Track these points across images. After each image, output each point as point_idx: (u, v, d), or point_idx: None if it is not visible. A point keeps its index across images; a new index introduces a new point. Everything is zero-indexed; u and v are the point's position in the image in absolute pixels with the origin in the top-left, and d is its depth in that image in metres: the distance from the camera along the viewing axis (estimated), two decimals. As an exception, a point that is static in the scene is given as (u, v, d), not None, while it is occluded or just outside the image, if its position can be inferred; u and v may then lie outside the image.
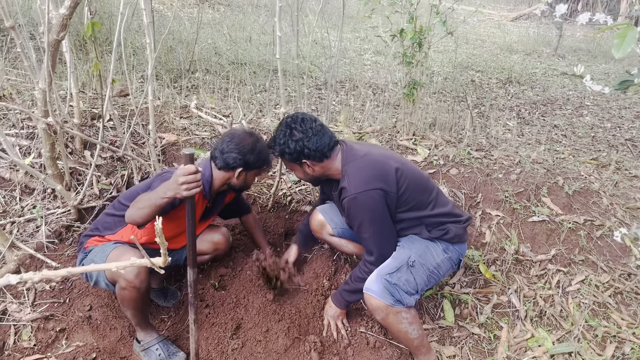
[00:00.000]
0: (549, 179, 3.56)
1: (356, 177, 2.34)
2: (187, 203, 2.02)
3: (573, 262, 3.13)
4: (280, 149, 2.43)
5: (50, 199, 3.28)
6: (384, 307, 2.32)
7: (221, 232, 2.82)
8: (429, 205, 2.52)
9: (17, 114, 3.62)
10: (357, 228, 2.42)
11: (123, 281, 2.30)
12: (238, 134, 2.54)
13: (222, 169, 2.53)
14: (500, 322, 2.88)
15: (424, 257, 2.48)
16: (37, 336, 2.60)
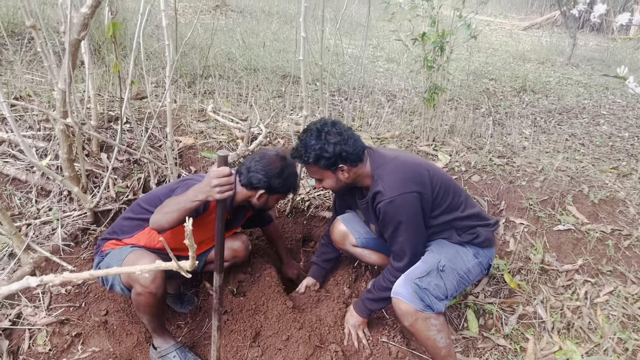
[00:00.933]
0: (574, 187, 3.48)
1: (391, 180, 2.28)
2: (218, 206, 1.98)
3: (601, 273, 3.04)
4: (315, 154, 2.27)
5: (67, 202, 3.23)
6: (413, 312, 2.24)
7: (241, 240, 2.76)
8: (460, 206, 2.46)
9: (34, 116, 3.58)
10: (391, 233, 2.34)
11: (139, 286, 2.24)
12: (269, 156, 2.48)
13: (244, 186, 2.48)
14: (526, 334, 2.79)
15: (454, 262, 2.41)
16: (52, 341, 2.54)
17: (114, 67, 2.79)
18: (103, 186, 3.07)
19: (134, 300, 2.32)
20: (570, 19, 11.56)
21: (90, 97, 3.28)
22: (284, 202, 3.44)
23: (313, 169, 2.37)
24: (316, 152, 2.26)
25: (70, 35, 2.57)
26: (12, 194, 3.23)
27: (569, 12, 11.40)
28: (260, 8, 11.89)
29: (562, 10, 11.39)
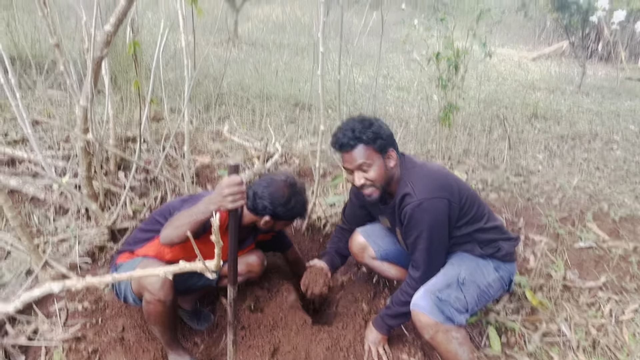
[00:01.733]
0: (593, 204, 3.45)
1: (421, 184, 2.23)
2: (230, 216, 1.96)
3: (625, 290, 2.98)
4: (374, 132, 2.20)
5: (84, 220, 3.24)
6: (434, 325, 2.19)
7: (256, 255, 2.73)
8: (483, 218, 2.43)
9: (54, 136, 3.64)
10: (414, 239, 2.28)
11: (148, 294, 2.22)
12: (276, 182, 2.45)
13: (250, 211, 2.47)
14: (550, 352, 2.72)
15: (474, 275, 2.37)
16: (68, 357, 2.51)
17: (135, 84, 2.84)
18: (120, 203, 3.09)
19: (144, 310, 2.29)
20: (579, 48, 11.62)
21: (109, 117, 3.33)
22: (301, 221, 3.43)
23: (366, 152, 2.23)
24: (374, 130, 2.21)
25: (94, 53, 2.62)
26: (30, 212, 3.24)
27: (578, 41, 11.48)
28: (271, 40, 12.10)
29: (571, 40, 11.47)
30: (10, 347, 2.48)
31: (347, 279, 3.12)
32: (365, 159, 2.23)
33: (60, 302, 2.77)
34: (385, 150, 2.26)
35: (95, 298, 2.81)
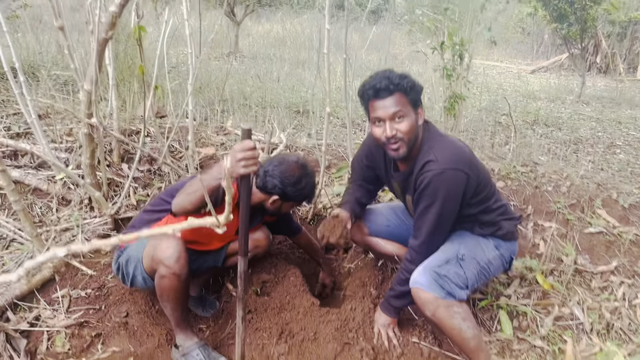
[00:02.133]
0: (602, 192, 3.41)
1: (445, 152, 2.16)
2: (242, 183, 1.92)
3: (637, 275, 2.93)
4: (412, 81, 2.15)
5: (87, 210, 3.20)
6: (434, 300, 2.13)
7: (262, 230, 2.71)
8: (492, 197, 2.39)
9: (57, 130, 3.61)
10: (425, 208, 2.20)
11: (163, 268, 2.18)
12: (288, 161, 2.43)
13: (259, 189, 2.44)
14: (563, 335, 2.66)
15: (473, 252, 2.32)
16: (71, 342, 2.46)
17: (139, 70, 2.82)
18: (124, 193, 3.05)
19: (157, 286, 2.25)
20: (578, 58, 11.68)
21: (113, 108, 3.31)
22: (306, 209, 3.39)
23: (402, 100, 2.15)
24: (411, 81, 2.15)
25: (98, 35, 2.61)
26: (33, 203, 3.21)
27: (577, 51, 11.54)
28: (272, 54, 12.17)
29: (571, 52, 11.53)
30: (12, 332, 2.42)
31: (354, 265, 3.06)
32: (402, 107, 2.14)
33: (62, 290, 2.72)
34: (417, 105, 2.20)
35: (99, 285, 2.76)
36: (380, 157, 2.53)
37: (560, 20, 10.92)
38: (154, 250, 2.22)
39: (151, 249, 2.24)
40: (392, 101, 2.14)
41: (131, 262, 2.35)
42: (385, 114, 2.15)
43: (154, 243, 2.24)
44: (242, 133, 1.87)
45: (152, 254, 2.22)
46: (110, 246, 1.71)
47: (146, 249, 2.27)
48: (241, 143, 1.85)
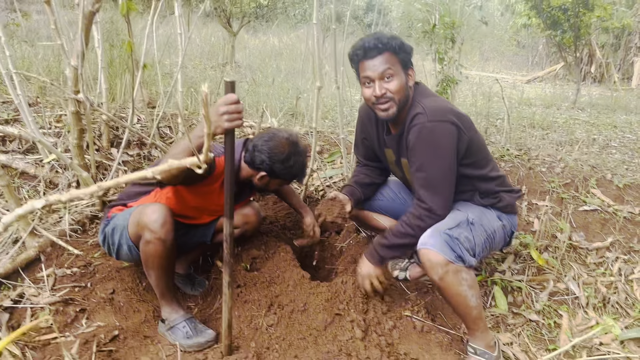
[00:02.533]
0: (596, 173, 3.38)
1: (433, 106, 2.13)
2: (226, 138, 1.88)
3: (633, 251, 2.88)
4: (400, 43, 2.14)
5: (75, 193, 3.15)
6: (444, 263, 2.04)
7: (251, 206, 2.66)
8: (488, 165, 2.34)
9: (47, 116, 3.58)
10: (421, 163, 2.14)
11: (148, 233, 2.13)
12: (278, 137, 2.37)
13: (247, 164, 2.39)
14: (559, 310, 2.61)
15: (481, 219, 2.27)
16: (55, 319, 2.39)
17: (127, 46, 2.80)
18: (111, 174, 3.01)
19: (142, 252, 2.20)
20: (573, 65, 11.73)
21: (102, 90, 3.28)
22: (297, 191, 3.34)
23: (391, 59, 2.14)
24: (400, 41, 2.14)
25: (85, 8, 2.60)
26: (20, 186, 3.16)
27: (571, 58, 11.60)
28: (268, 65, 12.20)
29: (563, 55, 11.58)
30: (-6, 307, 2.37)
31: (346, 244, 3.01)
32: (391, 65, 2.14)
33: (48, 270, 2.66)
34: (407, 66, 2.19)
35: (85, 263, 2.70)
36: (372, 125, 2.50)
37: (554, 27, 10.98)
38: (139, 215, 2.18)
39: (137, 215, 2.20)
40: (381, 60, 2.14)
41: (117, 230, 2.31)
42: (374, 73, 2.15)
43: (140, 209, 2.21)
44: (225, 86, 1.83)
45: (138, 219, 2.17)
46: (88, 195, 1.66)
47: (132, 215, 2.23)
48: (224, 97, 1.81)
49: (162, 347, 2.26)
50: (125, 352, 2.22)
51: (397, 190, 2.71)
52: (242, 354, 2.12)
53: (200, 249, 2.78)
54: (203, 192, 2.39)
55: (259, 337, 2.24)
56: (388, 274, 2.76)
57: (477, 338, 2.22)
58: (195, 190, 2.37)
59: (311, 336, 2.23)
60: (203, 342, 2.23)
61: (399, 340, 2.33)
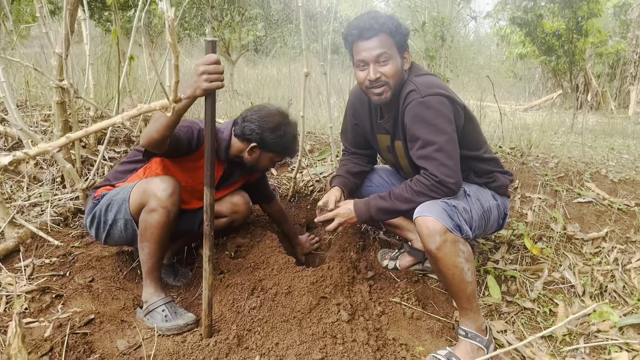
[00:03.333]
0: (590, 168, 3.32)
1: (424, 82, 2.08)
2: (207, 100, 1.83)
3: (630, 241, 2.80)
4: (397, 22, 2.08)
5: (59, 188, 3.10)
6: (442, 231, 1.94)
7: (240, 194, 2.60)
8: (483, 146, 2.30)
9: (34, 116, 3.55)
10: (422, 142, 2.05)
11: (154, 201, 2.09)
12: (268, 109, 2.36)
13: (237, 137, 2.36)
14: (554, 299, 2.51)
15: (477, 194, 2.22)
16: (30, 306, 2.30)
17: (113, 34, 2.78)
18: (96, 166, 2.96)
19: (143, 222, 2.14)
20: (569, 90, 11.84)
21: (90, 86, 3.25)
22: (287, 187, 3.28)
23: (387, 42, 2.08)
24: (397, 22, 2.08)
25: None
26: (3, 182, 3.11)
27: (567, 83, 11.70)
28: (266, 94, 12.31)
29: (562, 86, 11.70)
30: (-33, 295, 2.28)
31: (334, 236, 2.92)
32: (387, 49, 2.07)
33: (27, 260, 2.58)
34: (403, 49, 2.14)
35: (65, 253, 2.63)
36: (365, 110, 2.43)
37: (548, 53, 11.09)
38: (146, 184, 2.15)
39: (143, 184, 2.17)
40: (377, 42, 2.08)
41: (113, 205, 2.24)
42: (369, 56, 2.09)
43: (147, 179, 2.19)
44: (206, 46, 1.79)
45: (144, 187, 2.14)
46: (57, 147, 1.60)
47: (136, 186, 2.19)
48: (204, 57, 1.77)
49: (140, 331, 2.16)
50: (101, 335, 2.12)
51: (386, 177, 2.65)
52: (222, 335, 2.03)
53: (185, 239, 2.71)
54: (190, 168, 2.34)
55: (240, 319, 2.14)
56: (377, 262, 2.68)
57: (469, 319, 2.12)
58: (183, 165, 2.32)
59: (295, 319, 2.13)
60: (182, 325, 2.13)
61: (387, 326, 2.25)
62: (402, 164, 2.40)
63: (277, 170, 3.49)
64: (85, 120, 3.46)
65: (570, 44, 10.92)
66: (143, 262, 2.22)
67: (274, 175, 3.47)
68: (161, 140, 1.97)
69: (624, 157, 7.80)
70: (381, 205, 2.15)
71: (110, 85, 4.06)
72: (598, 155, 7.74)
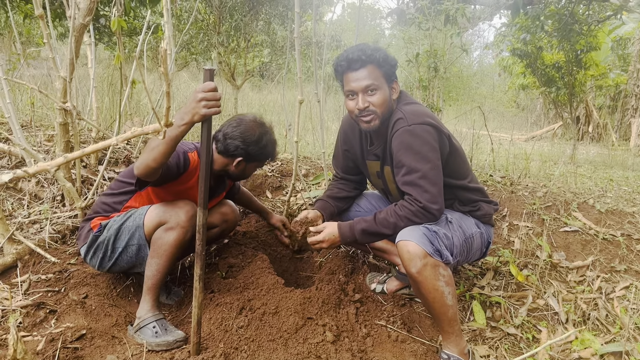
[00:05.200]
0: (578, 198, 3.39)
1: (412, 110, 2.17)
2: (203, 126, 1.92)
3: (614, 270, 2.86)
4: (384, 54, 2.19)
5: (59, 206, 3.18)
6: (422, 255, 2.02)
7: (228, 204, 2.72)
8: (468, 176, 2.38)
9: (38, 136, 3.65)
10: (407, 169, 2.13)
11: (174, 221, 2.23)
12: (246, 121, 2.43)
13: (221, 154, 2.43)
14: (538, 325, 2.56)
15: (459, 221, 2.29)
16: (24, 321, 2.36)
17: (116, 59, 2.90)
18: (95, 185, 3.04)
19: (158, 239, 2.26)
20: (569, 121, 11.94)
21: (93, 109, 3.36)
22: (280, 210, 3.35)
23: (375, 73, 2.18)
24: (384, 54, 2.18)
25: (76, 20, 2.71)
26: (5, 199, 3.19)
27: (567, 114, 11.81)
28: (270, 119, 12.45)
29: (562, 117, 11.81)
30: (-37, 309, 2.34)
31: (325, 259, 2.99)
32: (374, 80, 2.18)
33: (24, 276, 2.65)
34: (391, 79, 2.24)
35: (61, 269, 2.70)
36: (356, 137, 2.53)
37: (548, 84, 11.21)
38: (166, 206, 2.29)
39: (159, 208, 2.30)
40: (365, 73, 2.18)
41: (123, 232, 2.34)
42: (357, 86, 2.19)
43: (165, 203, 2.33)
44: (204, 74, 1.89)
45: (163, 209, 2.28)
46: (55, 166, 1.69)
47: (150, 210, 2.31)
48: (203, 84, 1.87)
49: (130, 347, 2.21)
50: (91, 350, 2.18)
51: (375, 202, 2.73)
52: (209, 353, 2.08)
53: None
54: (177, 192, 2.41)
55: (228, 338, 2.19)
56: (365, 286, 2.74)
57: (451, 343, 2.19)
58: (169, 190, 2.40)
59: (281, 338, 2.18)
60: (171, 341, 2.19)
61: (372, 348, 2.29)
62: (390, 188, 2.48)
63: (272, 194, 3.57)
64: (87, 141, 3.57)
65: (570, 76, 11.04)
66: (148, 277, 2.30)
67: (268, 198, 3.55)
68: (157, 168, 2.05)
69: (622, 189, 7.85)
70: (365, 228, 2.23)
71: (113, 107, 4.18)
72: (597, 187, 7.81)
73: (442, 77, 3.59)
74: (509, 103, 21.91)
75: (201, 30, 10.76)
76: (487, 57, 24.79)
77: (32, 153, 2.80)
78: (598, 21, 8.26)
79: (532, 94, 18.31)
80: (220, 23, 10.19)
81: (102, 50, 11.05)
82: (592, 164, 11.27)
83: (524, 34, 7.17)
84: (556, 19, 6.32)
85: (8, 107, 2.75)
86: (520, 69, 13.64)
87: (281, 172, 3.82)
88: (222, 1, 9.79)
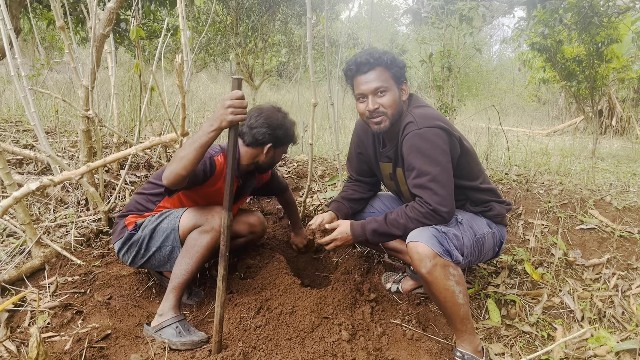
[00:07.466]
0: (594, 195, 3.38)
1: (422, 114, 2.21)
2: (230, 131, 2.00)
3: (631, 268, 2.86)
4: (393, 57, 2.25)
5: (84, 210, 3.28)
6: (432, 256, 2.06)
7: (256, 215, 2.79)
8: (480, 177, 2.41)
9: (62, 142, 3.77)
10: (417, 171, 2.17)
11: (209, 225, 2.33)
12: (266, 109, 2.51)
13: (250, 146, 2.49)
14: (553, 323, 2.58)
15: (471, 222, 2.31)
16: (52, 321, 2.46)
17: (135, 67, 2.99)
18: (117, 189, 3.14)
19: (192, 239, 2.36)
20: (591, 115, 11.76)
21: (114, 115, 3.46)
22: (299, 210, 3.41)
23: (383, 75, 2.24)
24: (392, 56, 2.24)
25: (96, 31, 2.80)
26: (32, 204, 3.31)
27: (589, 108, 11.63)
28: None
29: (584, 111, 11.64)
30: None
31: (341, 259, 3.04)
32: (383, 82, 2.23)
33: (51, 278, 2.75)
34: (400, 81, 2.29)
35: (86, 271, 2.79)
36: (369, 140, 2.58)
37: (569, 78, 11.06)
38: (201, 211, 2.39)
39: (197, 211, 2.40)
40: (374, 75, 2.24)
41: (158, 233, 2.44)
42: (367, 89, 2.25)
43: (202, 207, 2.43)
44: (233, 83, 1.97)
45: (200, 213, 2.38)
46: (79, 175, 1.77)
47: (189, 214, 2.40)
48: (230, 93, 1.96)
49: (152, 346, 2.29)
50: (116, 350, 2.26)
51: (388, 203, 2.77)
52: (228, 352, 2.15)
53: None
54: (207, 194, 2.50)
55: (246, 337, 2.26)
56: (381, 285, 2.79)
57: (465, 341, 2.22)
58: (199, 192, 2.48)
59: (298, 337, 2.25)
60: (197, 341, 2.27)
61: (387, 346, 2.34)
62: (403, 190, 2.53)
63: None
64: (109, 146, 3.67)
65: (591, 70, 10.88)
66: (176, 276, 2.37)
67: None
68: (187, 176, 2.12)
69: (646, 184, 7.75)
70: (375, 228, 2.29)
71: (133, 111, 4.28)
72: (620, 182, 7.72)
73: (456, 76, 3.61)
74: (530, 97, 21.61)
75: (219, 32, 10.87)
76: (507, 51, 24.47)
77: (57, 160, 2.91)
78: (618, 13, 8.12)
79: (553, 88, 18.05)
80: (238, 24, 10.28)
81: (122, 53, 11.25)
82: (615, 158, 11.10)
83: (543, 27, 7.10)
84: (575, 12, 6.25)
85: (33, 116, 2.85)
86: (540, 63, 13.47)
87: (297, 174, 3.89)
88: (239, 2, 9.87)
